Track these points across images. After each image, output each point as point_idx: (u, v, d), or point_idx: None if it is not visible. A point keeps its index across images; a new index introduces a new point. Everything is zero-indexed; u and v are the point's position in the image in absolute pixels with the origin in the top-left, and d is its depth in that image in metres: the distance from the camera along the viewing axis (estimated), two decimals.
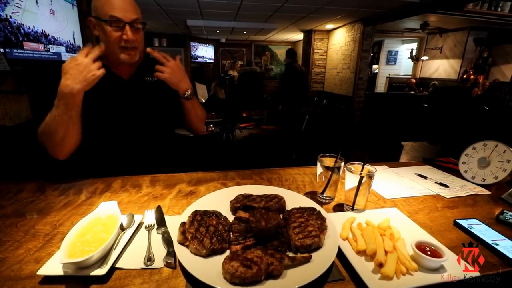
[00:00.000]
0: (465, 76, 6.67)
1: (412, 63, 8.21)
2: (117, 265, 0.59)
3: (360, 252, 0.62)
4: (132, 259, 0.60)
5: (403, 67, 8.47)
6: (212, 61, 9.31)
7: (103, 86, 1.02)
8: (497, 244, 0.67)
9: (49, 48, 2.40)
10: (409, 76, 8.21)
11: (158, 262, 0.59)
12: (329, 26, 6.25)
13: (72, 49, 2.69)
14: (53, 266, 0.57)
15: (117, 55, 1.01)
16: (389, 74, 8.29)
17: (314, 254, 0.59)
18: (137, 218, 0.74)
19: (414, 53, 7.93)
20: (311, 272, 0.53)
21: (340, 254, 0.61)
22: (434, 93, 6.20)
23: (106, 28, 0.96)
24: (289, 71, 4.40)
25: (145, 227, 0.71)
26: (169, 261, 0.59)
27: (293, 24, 6.14)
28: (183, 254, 0.59)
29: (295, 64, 4.41)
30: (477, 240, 0.70)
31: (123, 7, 0.95)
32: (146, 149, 1.14)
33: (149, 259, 0.60)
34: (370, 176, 0.77)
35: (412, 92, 7.18)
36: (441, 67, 7.43)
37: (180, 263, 0.57)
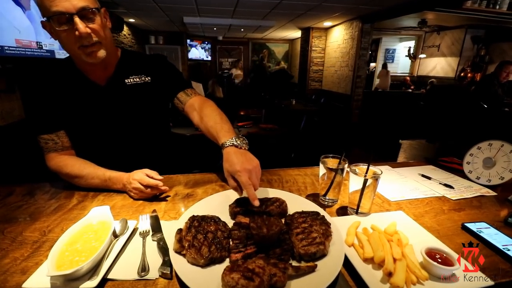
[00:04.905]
0: (462, 74, 6.68)
1: (410, 61, 8.20)
2: (109, 276, 0.55)
3: (367, 260, 0.58)
4: (125, 269, 0.57)
5: (401, 65, 8.46)
6: (208, 59, 9.25)
7: (81, 96, 0.95)
8: (509, 250, 0.64)
9: (42, 45, 2.34)
10: (406, 74, 8.21)
11: (153, 273, 0.56)
12: (327, 23, 6.22)
13: None
14: (40, 278, 0.53)
15: (80, 58, 0.86)
16: None
17: (319, 263, 0.55)
18: (131, 224, 0.70)
19: (411, 51, 7.92)
20: (317, 283, 0.50)
21: (346, 262, 0.58)
22: (432, 91, 6.20)
23: (55, 28, 0.80)
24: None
25: (140, 233, 0.68)
26: (164, 272, 0.55)
27: (290, 21, 6.09)
28: (180, 264, 0.55)
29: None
30: (487, 245, 0.67)
31: None
32: (139, 151, 1.07)
33: (144, 269, 0.56)
34: (376, 178, 0.73)
35: (410, 90, 7.19)
36: (439, 65, 7.43)
37: (176, 274, 0.54)
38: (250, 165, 0.74)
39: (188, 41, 8.52)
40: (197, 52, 8.98)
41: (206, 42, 9.09)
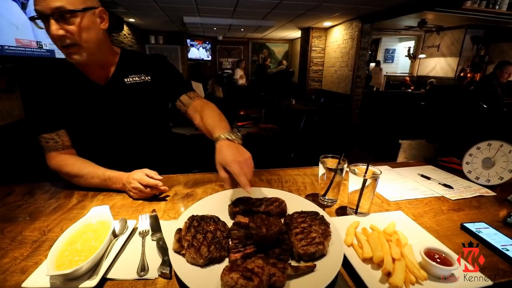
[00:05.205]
0: (462, 74, 6.68)
1: (410, 61, 8.21)
2: (109, 276, 0.55)
3: (366, 260, 0.58)
4: (125, 269, 0.57)
5: (401, 65, 8.47)
6: (209, 59, 9.26)
7: (81, 95, 0.96)
8: (507, 250, 0.64)
9: (42, 45, 2.34)
10: (406, 74, 8.22)
11: (153, 272, 0.56)
12: (327, 23, 6.21)
13: None
14: (39, 278, 0.53)
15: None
16: (387, 72, 8.28)
17: (318, 263, 0.56)
18: (131, 224, 0.70)
19: (411, 51, 7.93)
20: (316, 283, 0.50)
21: (345, 262, 0.58)
22: (431, 91, 6.20)
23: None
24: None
25: (139, 233, 0.68)
26: (164, 271, 0.55)
27: (290, 21, 6.09)
28: (179, 264, 0.55)
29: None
30: (486, 245, 0.67)
31: None
32: (139, 151, 1.07)
33: (143, 268, 0.56)
34: (375, 179, 0.74)
35: (410, 91, 7.19)
36: (438, 65, 7.43)
37: (175, 273, 0.54)
38: (242, 157, 0.74)
39: (189, 41, 8.53)
40: (197, 52, 8.98)
41: (207, 42, 9.10)
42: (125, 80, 1.01)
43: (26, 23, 2.16)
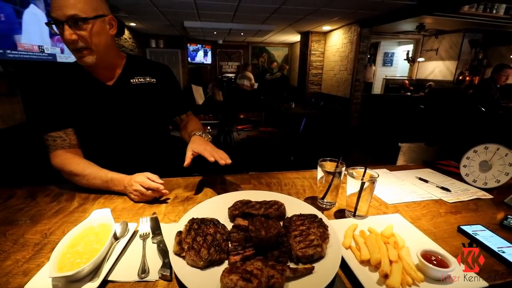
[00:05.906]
0: (460, 77, 6.70)
1: (408, 64, 8.25)
2: (110, 278, 0.56)
3: (363, 262, 0.59)
4: (126, 271, 0.58)
5: (399, 68, 8.50)
6: (209, 62, 9.29)
7: (89, 95, 0.99)
8: (503, 252, 0.65)
9: (44, 49, 2.36)
10: (405, 78, 8.25)
11: (153, 274, 0.57)
12: (326, 28, 6.26)
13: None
14: (41, 280, 0.54)
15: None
16: (386, 76, 8.32)
17: (316, 265, 0.56)
18: (132, 226, 0.71)
19: (410, 55, 7.97)
20: (314, 284, 0.51)
21: (343, 264, 0.59)
22: (430, 94, 6.22)
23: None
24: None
25: (140, 236, 0.68)
26: (164, 273, 0.56)
27: (290, 25, 6.13)
28: (179, 266, 0.56)
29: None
30: (482, 248, 0.68)
31: (58, 4, 0.83)
32: (140, 153, 1.10)
33: (144, 271, 0.57)
34: (373, 182, 0.75)
35: (409, 94, 7.22)
36: (437, 69, 7.46)
37: (176, 276, 0.55)
38: (208, 145, 0.95)
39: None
40: (202, 56, 9.02)
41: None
42: (131, 80, 1.06)
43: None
